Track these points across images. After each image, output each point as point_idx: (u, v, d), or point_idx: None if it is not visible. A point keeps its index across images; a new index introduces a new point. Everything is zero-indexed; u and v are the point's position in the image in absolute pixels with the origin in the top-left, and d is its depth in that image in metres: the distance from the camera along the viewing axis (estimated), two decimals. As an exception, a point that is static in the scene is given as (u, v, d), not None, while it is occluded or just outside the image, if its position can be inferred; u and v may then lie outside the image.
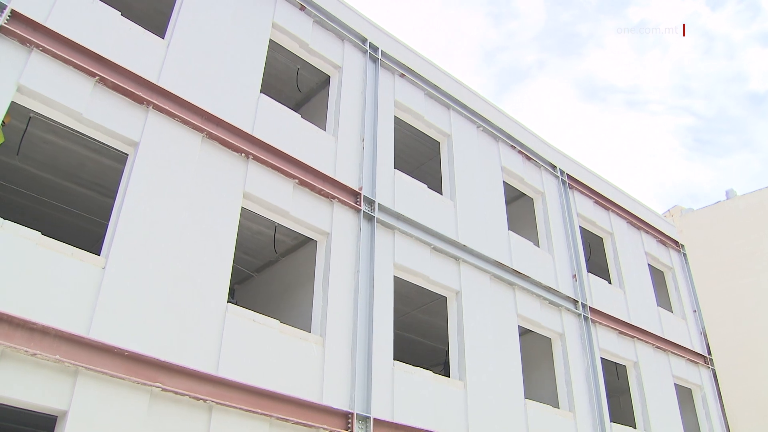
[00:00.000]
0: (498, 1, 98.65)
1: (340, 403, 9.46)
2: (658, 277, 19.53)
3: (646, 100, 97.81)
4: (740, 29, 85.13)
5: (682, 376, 17.07)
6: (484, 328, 12.32)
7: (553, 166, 16.95)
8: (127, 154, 8.99)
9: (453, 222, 13.06)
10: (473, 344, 11.93)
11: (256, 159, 10.16)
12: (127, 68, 9.05)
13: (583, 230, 17.28)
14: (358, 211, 11.31)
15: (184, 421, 7.77)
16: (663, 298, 19.05)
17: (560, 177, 16.95)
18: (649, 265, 18.87)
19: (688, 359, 17.58)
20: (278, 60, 12.77)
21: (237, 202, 9.71)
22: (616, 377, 16.60)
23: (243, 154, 10.04)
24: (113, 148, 9.06)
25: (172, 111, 9.32)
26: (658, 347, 16.65)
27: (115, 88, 8.86)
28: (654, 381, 15.88)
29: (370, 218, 11.41)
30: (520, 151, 16.11)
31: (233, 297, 12.92)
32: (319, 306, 10.19)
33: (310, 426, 8.90)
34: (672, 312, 18.73)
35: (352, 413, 9.42)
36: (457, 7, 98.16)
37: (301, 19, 12.31)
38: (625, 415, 16.64)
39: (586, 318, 14.87)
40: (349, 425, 9.32)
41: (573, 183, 17.28)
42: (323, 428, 9.02)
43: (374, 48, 13.47)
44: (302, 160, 10.79)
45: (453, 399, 11.09)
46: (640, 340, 16.18)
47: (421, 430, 10.18)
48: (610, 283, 16.91)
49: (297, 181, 10.59)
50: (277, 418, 8.57)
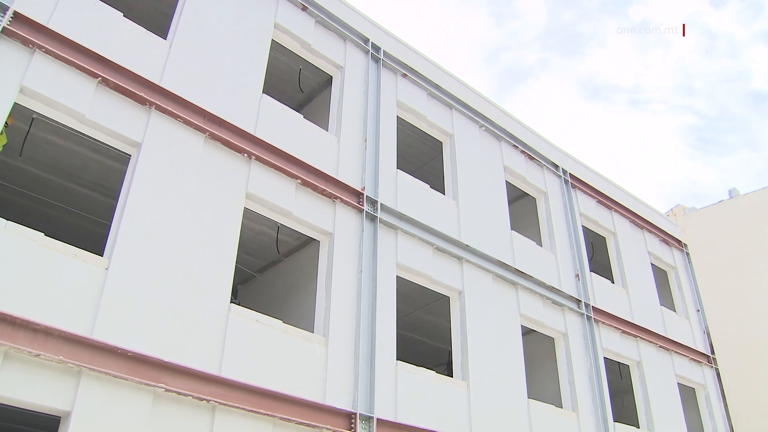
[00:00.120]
0: (500, 1, 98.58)
1: (344, 404, 9.46)
2: (661, 276, 19.50)
3: (649, 99, 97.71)
4: (743, 28, 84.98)
5: (686, 376, 17.05)
6: (487, 328, 12.32)
7: (556, 166, 16.93)
8: (130, 155, 9.00)
9: (456, 222, 13.06)
10: (476, 344, 11.93)
11: (259, 159, 10.16)
12: (130, 69, 9.06)
13: (586, 230, 17.26)
14: (361, 211, 11.31)
15: (187, 422, 7.77)
16: (666, 298, 19.03)
17: (563, 176, 16.93)
18: (652, 264, 18.85)
19: (691, 358, 17.55)
20: (280, 60, 12.77)
21: (240, 202, 9.71)
22: (619, 377, 16.57)
23: (245, 155, 10.05)
24: (116, 149, 9.06)
25: (175, 112, 9.33)
26: (661, 347, 16.62)
27: (118, 88, 8.87)
28: (657, 380, 15.85)
29: (372, 218, 11.40)
30: (523, 151, 16.10)
31: (236, 297, 12.93)
32: (322, 306, 10.19)
33: (314, 426, 8.90)
34: (675, 311, 18.71)
35: (355, 413, 9.42)
36: (458, 7, 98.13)
37: (303, 20, 12.31)
38: (628, 414, 16.62)
39: (589, 317, 14.85)
40: (353, 425, 9.31)
41: (576, 182, 17.26)
42: (326, 428, 9.01)
43: (376, 48, 13.47)
44: (305, 160, 10.80)
45: (456, 399, 11.08)
46: (643, 339, 16.15)
47: (424, 430, 10.17)
48: (613, 283, 16.89)
49: (299, 181, 10.59)
50: (281, 419, 8.57)
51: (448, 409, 10.86)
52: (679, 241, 20.48)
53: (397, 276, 11.47)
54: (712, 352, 18.62)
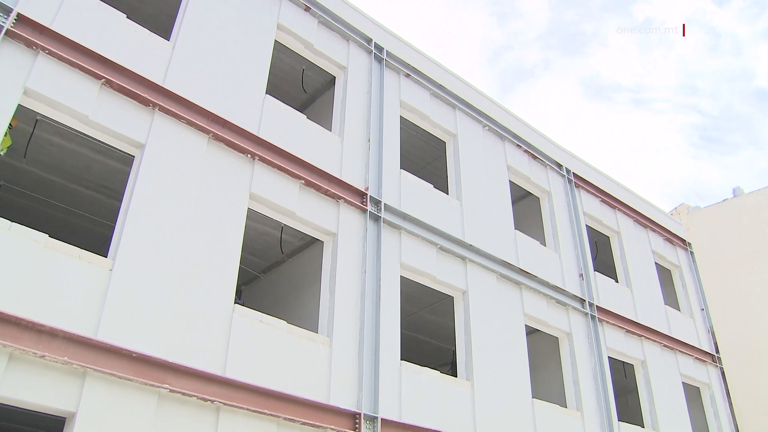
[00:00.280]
0: (502, 1, 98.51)
1: (348, 404, 9.46)
2: (665, 275, 19.46)
3: (652, 98, 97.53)
4: (746, 26, 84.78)
5: (690, 375, 17.01)
6: (491, 328, 12.31)
7: (559, 165, 16.91)
8: (134, 156, 9.01)
9: (459, 222, 13.05)
10: (480, 344, 11.92)
11: (262, 160, 10.17)
12: (133, 70, 9.08)
13: (590, 229, 17.24)
14: (365, 211, 11.31)
15: (192, 422, 7.78)
16: (670, 297, 19.00)
17: (566, 176, 16.91)
18: (656, 263, 18.81)
19: (696, 357, 17.51)
20: (283, 61, 12.78)
21: (243, 203, 9.72)
22: (623, 376, 16.55)
23: (249, 155, 10.05)
24: (119, 150, 9.08)
25: (178, 113, 9.34)
26: (665, 346, 16.59)
27: (121, 90, 8.88)
28: (662, 380, 15.82)
29: (376, 218, 11.40)
30: (526, 151, 16.09)
31: (240, 298, 12.93)
32: (326, 306, 10.19)
33: (318, 426, 8.90)
34: (679, 310, 18.67)
35: (360, 413, 9.42)
36: (460, 7, 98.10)
37: (306, 20, 12.32)
38: (633, 414, 16.59)
39: (593, 317, 14.83)
40: (357, 425, 9.31)
41: (579, 182, 17.25)
42: (331, 428, 9.02)
43: (379, 48, 13.47)
44: (308, 160, 10.80)
45: (460, 399, 11.08)
46: (648, 338, 16.13)
47: (429, 430, 10.17)
48: (617, 282, 16.86)
49: (303, 181, 10.59)
50: (285, 419, 8.58)
51: (453, 409, 10.85)
52: (683, 240, 20.45)
53: (401, 276, 11.46)
54: (717, 351, 18.58)
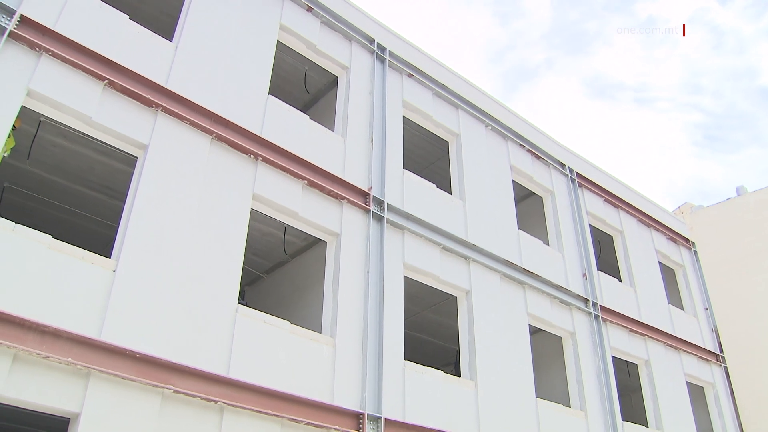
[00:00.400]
0: (505, 1, 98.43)
1: (351, 404, 9.46)
2: (668, 274, 19.43)
3: (655, 97, 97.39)
4: (750, 24, 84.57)
5: (694, 374, 16.98)
6: (494, 328, 12.30)
7: (563, 165, 16.89)
8: (137, 157, 9.02)
9: (462, 221, 13.04)
10: (484, 344, 11.91)
11: (265, 160, 10.17)
12: (136, 71, 9.09)
13: (593, 228, 17.22)
14: (368, 211, 11.31)
15: (195, 423, 7.79)
16: (674, 296, 18.96)
17: (569, 175, 16.89)
18: (660, 262, 18.78)
19: (700, 357, 17.48)
20: (286, 61, 12.78)
21: (246, 203, 9.73)
22: (627, 376, 16.53)
23: (252, 156, 10.06)
24: (122, 151, 9.09)
25: (181, 113, 9.35)
26: (669, 345, 16.56)
27: (124, 91, 8.90)
28: (666, 379, 15.80)
29: (379, 218, 11.40)
30: (529, 150, 16.07)
31: (243, 298, 12.94)
32: (330, 307, 10.20)
33: (322, 426, 8.90)
34: (683, 310, 18.63)
35: (363, 413, 9.42)
36: (463, 7, 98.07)
37: (309, 21, 12.32)
38: (636, 413, 16.57)
39: (596, 316, 14.81)
40: (360, 425, 9.31)
41: (582, 181, 17.22)
42: (334, 429, 9.02)
43: (382, 48, 13.46)
44: (311, 161, 10.80)
45: (464, 399, 11.07)
46: (652, 338, 16.10)
47: (433, 430, 10.16)
48: (621, 282, 16.83)
49: (306, 182, 10.60)
50: (289, 419, 8.58)
51: (456, 408, 10.84)
52: (687, 239, 20.40)
53: (404, 276, 11.46)
54: (721, 351, 18.54)
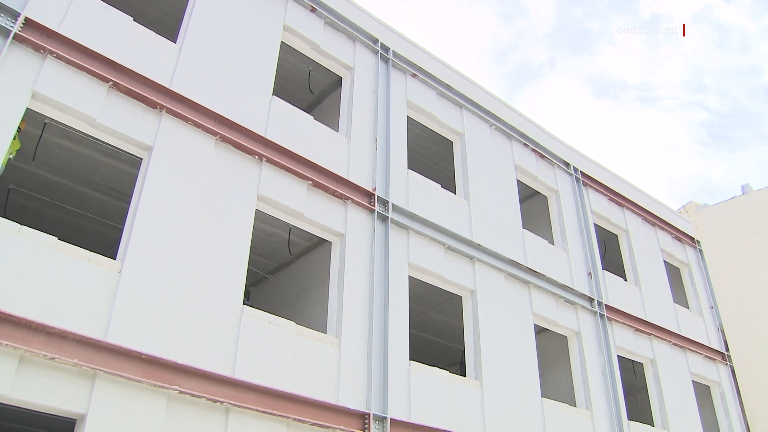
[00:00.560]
0: (508, 0, 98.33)
1: (357, 404, 9.46)
2: (673, 273, 19.39)
3: (659, 96, 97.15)
4: (754, 21, 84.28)
5: (700, 373, 16.94)
6: (499, 327, 12.29)
7: (567, 164, 16.87)
8: (141, 159, 9.04)
9: (467, 221, 13.03)
10: (489, 343, 11.90)
11: (270, 161, 10.18)
12: (140, 73, 9.11)
13: (598, 227, 17.19)
14: (372, 211, 11.31)
15: (201, 423, 7.80)
16: (679, 295, 18.93)
17: (574, 174, 16.87)
18: (665, 261, 18.74)
19: (706, 356, 17.44)
20: (290, 62, 12.79)
21: (251, 204, 9.74)
22: (633, 375, 16.49)
23: (256, 157, 10.07)
24: (127, 153, 9.11)
25: (185, 115, 9.36)
26: (675, 344, 16.53)
27: (129, 92, 8.92)
28: (671, 378, 15.76)
29: (384, 219, 11.40)
30: (534, 150, 16.06)
31: (248, 299, 12.95)
32: (335, 307, 10.20)
33: (327, 427, 8.91)
34: (689, 309, 18.60)
35: (369, 414, 9.42)
36: (467, 7, 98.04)
37: (312, 21, 12.33)
38: (642, 412, 16.53)
39: (602, 316, 14.78)
40: (366, 426, 9.31)
41: (587, 180, 17.20)
42: (340, 429, 9.02)
43: (385, 48, 13.47)
44: (315, 161, 10.81)
45: (469, 398, 11.06)
46: (657, 337, 16.07)
47: (438, 429, 10.16)
48: (626, 281, 16.81)
49: (311, 182, 10.60)
50: (294, 419, 8.59)
51: (462, 408, 10.84)
52: (692, 238, 20.37)
53: (409, 276, 11.46)
54: (727, 350, 18.50)
